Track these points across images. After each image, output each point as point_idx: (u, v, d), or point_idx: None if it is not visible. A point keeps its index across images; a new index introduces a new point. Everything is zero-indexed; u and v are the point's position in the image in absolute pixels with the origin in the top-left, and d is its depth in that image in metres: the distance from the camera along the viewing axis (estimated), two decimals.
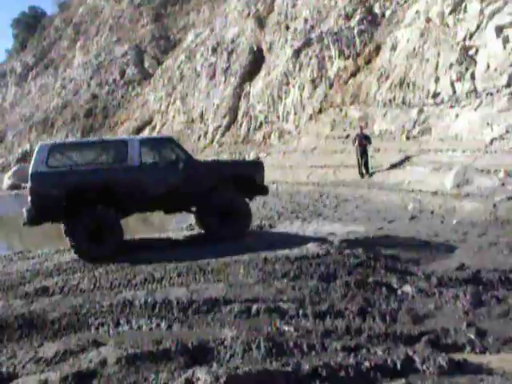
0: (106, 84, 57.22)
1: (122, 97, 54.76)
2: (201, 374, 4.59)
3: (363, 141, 20.39)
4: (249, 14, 41.99)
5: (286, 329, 5.80)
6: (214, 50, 43.42)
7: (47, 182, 9.99)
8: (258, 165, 12.05)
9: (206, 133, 39.29)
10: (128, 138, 11.90)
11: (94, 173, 10.32)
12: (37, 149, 10.26)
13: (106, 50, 60.86)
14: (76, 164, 10.47)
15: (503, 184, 14.27)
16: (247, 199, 11.62)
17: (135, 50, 57.33)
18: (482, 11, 19.13)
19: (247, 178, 11.43)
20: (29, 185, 10.05)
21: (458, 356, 5.07)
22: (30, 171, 10.05)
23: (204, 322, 6.28)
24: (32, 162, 10.13)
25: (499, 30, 18.20)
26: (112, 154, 10.78)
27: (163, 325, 6.23)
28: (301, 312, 6.31)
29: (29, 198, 10.05)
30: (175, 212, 12.10)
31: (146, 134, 43.92)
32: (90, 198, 10.04)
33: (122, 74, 56.74)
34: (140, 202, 10.60)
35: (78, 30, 70.42)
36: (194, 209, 11.70)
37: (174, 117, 44.53)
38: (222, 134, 37.84)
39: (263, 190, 11.77)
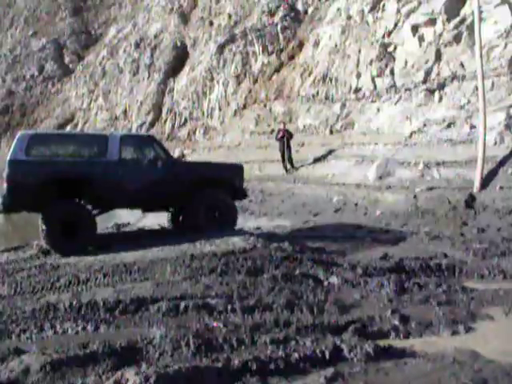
0: (24, 80, 54.82)
1: (41, 93, 52.72)
2: (130, 375, 4.49)
3: (285, 135, 20.62)
4: (172, 10, 41.53)
5: (215, 325, 5.78)
6: (137, 46, 42.66)
7: (24, 170, 9.85)
8: (237, 168, 11.90)
9: (129, 130, 38.54)
10: (109, 133, 11.72)
11: (72, 164, 10.28)
12: (17, 137, 10.14)
13: (22, 43, 58.23)
14: (55, 155, 10.36)
15: (422, 175, 14.88)
16: None
17: (54, 44, 55.23)
18: (398, 10, 19.82)
19: (226, 180, 11.37)
20: (6, 172, 9.82)
21: (383, 342, 5.22)
22: (7, 158, 9.86)
23: (132, 321, 6.14)
24: (11, 149, 9.99)
25: (415, 28, 18.94)
26: (92, 147, 10.68)
27: (89, 327, 6.03)
28: (229, 307, 6.29)
29: (5, 185, 9.82)
30: (154, 211, 11.97)
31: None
32: (66, 189, 9.97)
33: (41, 69, 54.57)
34: (117, 196, 10.53)
35: None
36: (171, 208, 11.74)
37: (96, 114, 43.42)
38: (147, 131, 37.22)
39: (242, 194, 11.71)
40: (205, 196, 10.80)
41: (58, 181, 9.89)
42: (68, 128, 44.20)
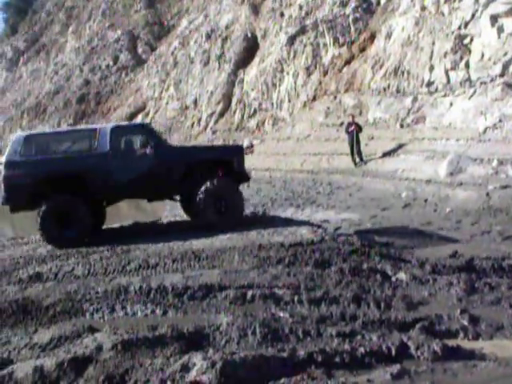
0: (99, 70, 56.66)
1: (115, 83, 54.30)
2: (197, 359, 4.61)
3: (355, 129, 20.41)
4: (243, 1, 41.70)
5: (282, 315, 5.82)
6: (208, 37, 43.13)
7: (19, 171, 10.18)
8: (236, 149, 11.60)
9: (199, 120, 39.10)
10: (99, 126, 11.87)
11: (64, 161, 10.48)
12: (13, 139, 10.56)
13: (99, 35, 60.23)
14: (49, 153, 10.63)
15: (496, 172, 14.35)
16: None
17: (128, 35, 56.78)
18: (477, 0, 19.09)
19: (224, 162, 10.86)
20: (2, 173, 10.22)
21: (451, 342, 5.12)
22: (4, 160, 10.27)
23: (199, 307, 6.29)
24: (7, 151, 10.40)
25: (494, 19, 18.20)
26: (83, 142, 10.88)
27: (158, 311, 6.24)
28: (296, 298, 6.33)
29: (2, 186, 10.27)
30: (157, 200, 11.84)
31: (139, 120, 43.62)
32: (60, 185, 10.19)
33: (115, 59, 56.21)
34: (111, 188, 10.60)
35: (70, 14, 69.57)
36: (177, 197, 11.56)
37: (167, 103, 44.28)
38: (216, 121, 37.68)
39: (242, 176, 11.05)
40: (208, 185, 10.27)
41: (51, 178, 10.13)
42: (139, 117, 45.36)
